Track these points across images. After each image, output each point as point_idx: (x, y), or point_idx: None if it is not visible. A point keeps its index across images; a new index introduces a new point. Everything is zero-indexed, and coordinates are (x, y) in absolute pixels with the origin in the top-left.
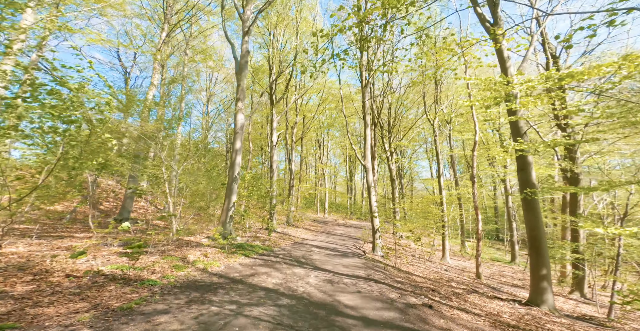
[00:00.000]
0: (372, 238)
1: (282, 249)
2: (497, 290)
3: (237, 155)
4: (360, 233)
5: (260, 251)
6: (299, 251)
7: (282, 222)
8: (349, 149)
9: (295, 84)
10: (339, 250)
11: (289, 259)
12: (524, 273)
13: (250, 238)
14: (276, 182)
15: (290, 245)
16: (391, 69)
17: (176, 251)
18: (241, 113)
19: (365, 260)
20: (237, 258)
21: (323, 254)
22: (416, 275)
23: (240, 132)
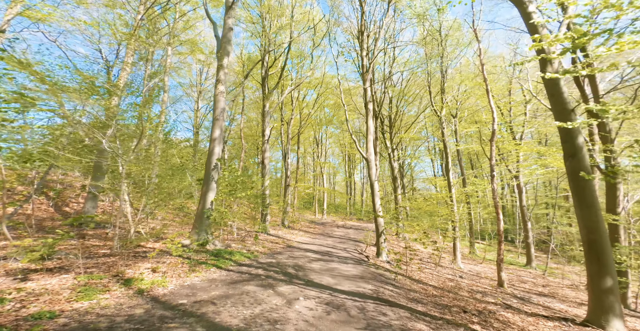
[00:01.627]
0: (377, 242)
1: (272, 255)
2: (528, 301)
3: (217, 145)
4: (361, 235)
5: (241, 259)
6: (291, 258)
7: (277, 223)
8: (348, 148)
9: (289, 74)
10: (339, 256)
11: (275, 270)
12: (544, 278)
13: (236, 242)
14: (270, 181)
15: (283, 250)
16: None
17: (115, 264)
18: (222, 97)
19: (370, 267)
20: (203, 272)
21: (320, 261)
22: (431, 285)
23: (220, 118)
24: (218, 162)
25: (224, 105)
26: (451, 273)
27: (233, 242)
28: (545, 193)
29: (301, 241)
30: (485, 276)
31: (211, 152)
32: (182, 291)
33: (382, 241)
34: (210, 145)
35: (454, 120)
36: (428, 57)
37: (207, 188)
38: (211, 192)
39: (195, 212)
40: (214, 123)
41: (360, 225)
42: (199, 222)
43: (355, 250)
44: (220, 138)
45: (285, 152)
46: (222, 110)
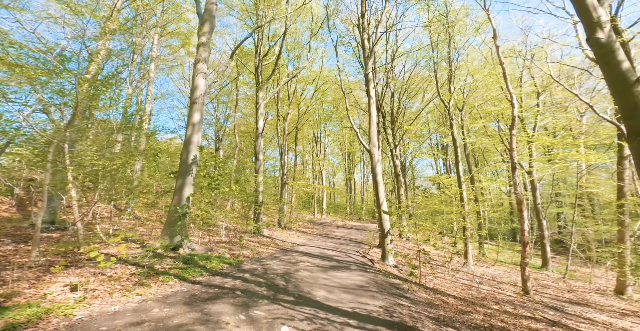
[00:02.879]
0: (382, 243)
1: (259, 261)
2: (564, 312)
3: (195, 132)
4: (363, 236)
5: (218, 267)
6: (282, 263)
7: (273, 224)
8: (347, 145)
9: (285, 64)
10: (339, 260)
11: (258, 281)
12: (564, 281)
13: (223, 245)
14: (264, 177)
15: (274, 254)
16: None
17: (20, 279)
18: (202, 78)
19: (376, 274)
20: (156, 287)
21: (317, 267)
22: (452, 296)
23: (199, 102)
24: (198, 151)
25: (205, 87)
26: (467, 279)
27: (220, 245)
28: (558, 190)
29: (297, 243)
30: (503, 281)
31: (188, 139)
32: (95, 323)
33: (388, 242)
34: (187, 131)
35: (460, 113)
36: (434, 43)
37: (183, 182)
38: (188, 187)
39: (168, 210)
40: (191, 107)
41: (360, 225)
42: (172, 221)
43: (357, 252)
44: (200, 125)
45: (282, 148)
46: (202, 92)
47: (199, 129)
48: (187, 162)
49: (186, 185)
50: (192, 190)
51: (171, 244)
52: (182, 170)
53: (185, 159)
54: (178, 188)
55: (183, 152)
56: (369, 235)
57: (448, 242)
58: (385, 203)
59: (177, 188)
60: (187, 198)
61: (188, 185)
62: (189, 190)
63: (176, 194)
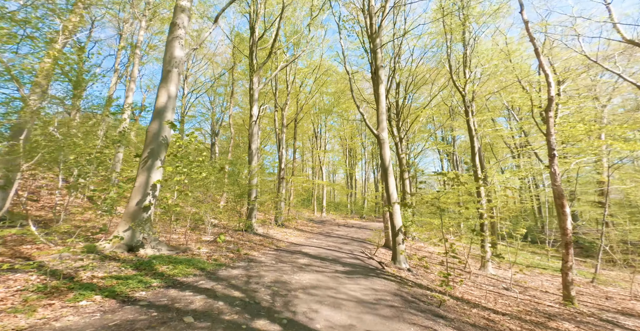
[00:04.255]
0: (392, 243)
1: (244, 264)
2: (620, 326)
3: (168, 107)
4: (366, 234)
5: (182, 274)
6: (272, 268)
7: (270, 221)
8: (349, 141)
9: (283, 51)
10: (343, 263)
11: (229, 298)
12: (594, 286)
13: (206, 244)
14: (261, 173)
15: (266, 255)
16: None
17: None
18: (178, 45)
19: (390, 281)
20: (44, 311)
21: (316, 273)
22: (490, 310)
23: (173, 70)
24: (171, 128)
25: (181, 54)
26: (489, 283)
27: (203, 244)
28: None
29: (295, 242)
30: (529, 286)
31: (158, 112)
32: None
33: (399, 242)
34: (157, 102)
35: (471, 104)
36: (447, 25)
37: (148, 167)
38: (154, 173)
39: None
40: (164, 75)
41: (362, 223)
42: (131, 215)
43: (362, 253)
44: (173, 100)
45: (280, 141)
46: (178, 60)
47: (172, 106)
48: (155, 140)
49: (152, 169)
50: (160, 176)
51: (131, 243)
52: (148, 150)
53: (153, 137)
54: (141, 173)
55: (150, 128)
56: (374, 234)
57: (457, 242)
58: (396, 195)
59: (139, 173)
60: (153, 185)
61: (154, 171)
62: (157, 176)
63: (138, 180)
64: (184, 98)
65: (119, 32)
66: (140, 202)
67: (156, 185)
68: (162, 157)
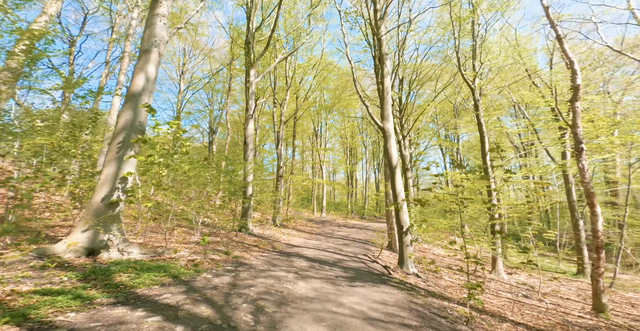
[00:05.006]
0: (399, 245)
1: (231, 270)
2: None
3: (146, 89)
4: (368, 235)
5: (145, 284)
6: (264, 274)
7: (267, 221)
8: (349, 140)
9: (283, 45)
10: (345, 267)
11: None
12: (615, 292)
13: (189, 246)
14: (260, 171)
15: (258, 259)
16: None
17: None
18: (158, 20)
19: (400, 289)
20: None
21: (314, 279)
22: (520, 324)
23: (154, 50)
24: (149, 113)
25: (163, 33)
26: (505, 290)
27: (188, 246)
28: None
29: (293, 243)
30: (546, 292)
31: (132, 94)
32: None
33: (407, 243)
34: (133, 82)
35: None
36: (455, 14)
37: (117, 157)
38: (125, 163)
39: (92, 196)
40: (141, 55)
41: (363, 223)
42: (94, 212)
43: (365, 255)
44: (151, 83)
45: (279, 138)
46: (159, 39)
47: (150, 89)
48: (128, 127)
49: (123, 160)
50: (133, 168)
51: (91, 245)
52: (120, 138)
53: (126, 123)
54: (109, 164)
55: (122, 113)
56: (377, 235)
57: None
58: (403, 193)
59: (108, 163)
60: (123, 178)
61: (125, 161)
62: (128, 167)
63: (105, 172)
64: (180, 95)
65: (112, 24)
66: (106, 198)
67: (127, 178)
68: (136, 146)
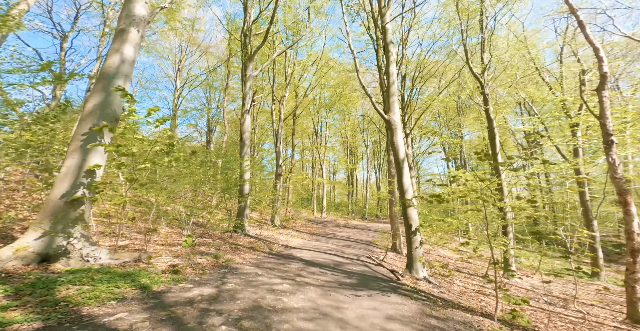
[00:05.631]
0: (407, 247)
1: (218, 277)
2: None
3: (117, 75)
4: (370, 236)
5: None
6: (254, 283)
7: (265, 222)
8: (350, 139)
9: (279, 34)
10: (348, 272)
11: None
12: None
13: (173, 249)
14: (260, 171)
15: (252, 263)
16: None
17: None
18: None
19: (414, 299)
20: None
21: (313, 287)
22: None
23: (132, 29)
24: (124, 98)
25: (143, 12)
26: (526, 295)
27: (172, 249)
28: None
29: (292, 245)
30: (562, 297)
31: (104, 76)
32: None
33: (416, 245)
34: (103, 65)
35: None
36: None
37: (82, 146)
38: (92, 154)
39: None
40: (117, 34)
41: (364, 224)
42: (51, 212)
43: (369, 258)
44: (128, 65)
45: (277, 136)
46: (138, 19)
47: (126, 72)
48: (97, 112)
49: (90, 149)
50: (102, 160)
51: (45, 251)
52: (86, 125)
53: (94, 108)
54: (71, 155)
55: (91, 96)
56: (382, 236)
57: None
58: (412, 190)
59: (71, 154)
60: (89, 172)
61: (93, 151)
62: (96, 159)
63: (66, 164)
64: (176, 92)
65: (104, 18)
66: (67, 194)
67: (94, 172)
68: (106, 135)
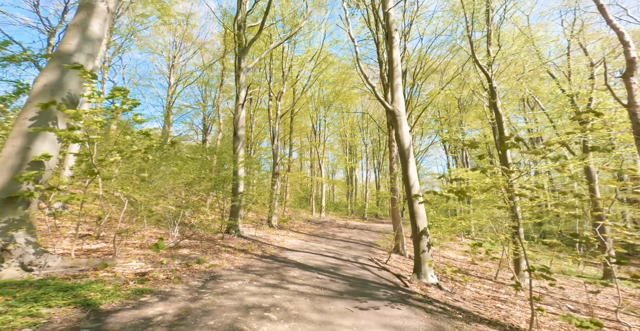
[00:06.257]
0: (414, 249)
1: (192, 289)
2: None
3: (77, 53)
4: (371, 237)
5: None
6: (235, 298)
7: (261, 222)
8: (349, 137)
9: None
10: (349, 276)
11: None
12: None
13: (149, 255)
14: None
15: (238, 270)
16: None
17: None
18: None
19: (427, 311)
20: None
21: (308, 299)
22: None
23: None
24: (83, 77)
25: None
26: (544, 302)
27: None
28: None
29: (288, 247)
30: (578, 301)
31: (61, 53)
32: None
33: (424, 248)
34: (62, 41)
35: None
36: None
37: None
38: (40, 140)
39: None
40: (80, 7)
41: (364, 224)
42: None
43: (370, 260)
44: (93, 43)
45: (274, 133)
46: None
47: (90, 51)
48: (48, 92)
49: (35, 136)
50: (54, 150)
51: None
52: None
53: (44, 89)
54: (12, 141)
55: (42, 75)
56: (387, 237)
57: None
58: (418, 186)
59: (11, 139)
60: (35, 162)
61: (41, 138)
62: (44, 147)
63: (3, 153)
64: (170, 89)
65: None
66: (3, 191)
67: (41, 162)
68: (58, 118)
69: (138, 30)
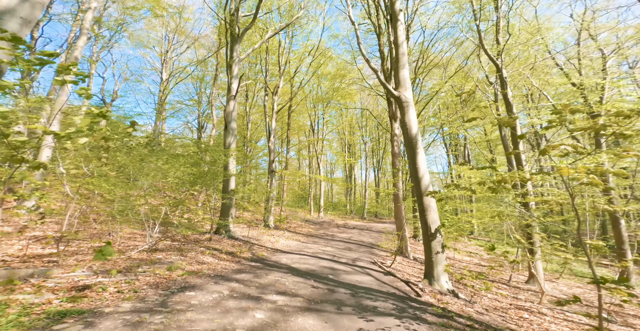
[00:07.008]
0: (425, 252)
1: (143, 309)
2: None
3: (9, 16)
4: (371, 238)
5: None
6: (205, 316)
7: (256, 222)
8: (348, 135)
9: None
10: (351, 284)
11: None
12: None
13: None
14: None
15: (216, 280)
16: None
17: None
18: None
19: (447, 327)
20: None
21: (300, 318)
22: None
23: None
24: (12, 43)
25: None
26: (571, 311)
27: (119, 259)
28: None
29: (283, 248)
30: (614, 310)
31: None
32: None
33: (436, 250)
34: None
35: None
36: None
37: None
38: None
39: None
40: None
41: (364, 224)
42: None
43: (373, 263)
44: (32, 6)
45: (270, 129)
46: None
47: (28, 15)
48: None
49: None
50: None
51: None
52: None
53: None
54: None
55: None
56: (391, 238)
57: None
58: (428, 180)
59: None
60: None
61: None
62: None
63: None
64: (162, 85)
65: (78, 3)
66: None
67: None
68: None
69: (128, 23)
